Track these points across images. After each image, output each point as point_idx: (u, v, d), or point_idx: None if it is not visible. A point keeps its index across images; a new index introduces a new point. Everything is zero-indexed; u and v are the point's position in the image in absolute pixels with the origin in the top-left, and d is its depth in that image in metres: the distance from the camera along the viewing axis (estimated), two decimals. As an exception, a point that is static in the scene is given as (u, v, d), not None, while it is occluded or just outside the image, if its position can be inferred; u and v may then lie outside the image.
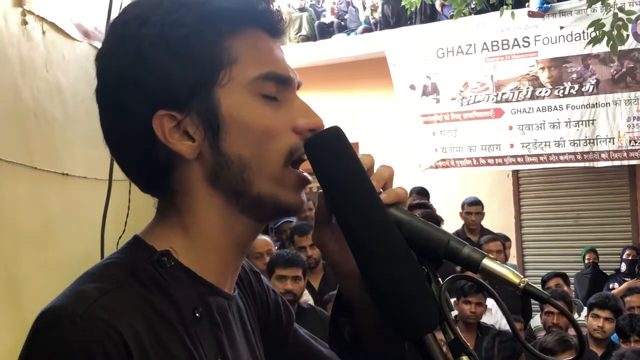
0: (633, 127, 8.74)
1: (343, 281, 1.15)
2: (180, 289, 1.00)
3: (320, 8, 12.21)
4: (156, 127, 1.00)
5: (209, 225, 1.05)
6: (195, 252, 1.04)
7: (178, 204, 1.05)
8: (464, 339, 0.97)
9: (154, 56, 0.99)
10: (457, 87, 9.84)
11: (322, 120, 1.07)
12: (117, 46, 1.03)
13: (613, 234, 10.08)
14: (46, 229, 4.76)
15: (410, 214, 1.03)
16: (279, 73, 1.05)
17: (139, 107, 1.00)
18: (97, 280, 0.96)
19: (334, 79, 11.16)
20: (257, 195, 1.03)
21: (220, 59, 1.01)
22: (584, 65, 9.02)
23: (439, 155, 10.02)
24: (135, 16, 1.02)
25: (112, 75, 1.03)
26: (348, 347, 1.18)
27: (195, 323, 1.00)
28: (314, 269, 5.69)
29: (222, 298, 1.07)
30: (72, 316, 0.90)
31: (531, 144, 9.37)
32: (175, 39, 0.99)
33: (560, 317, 5.51)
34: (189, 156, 1.01)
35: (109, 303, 0.92)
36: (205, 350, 1.00)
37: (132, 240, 1.06)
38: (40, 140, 4.84)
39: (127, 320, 0.91)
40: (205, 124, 1.01)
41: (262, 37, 1.06)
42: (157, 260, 1.01)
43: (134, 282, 0.97)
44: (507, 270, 0.95)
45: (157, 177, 1.05)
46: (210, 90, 1.01)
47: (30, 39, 4.81)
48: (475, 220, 7.54)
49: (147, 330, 0.93)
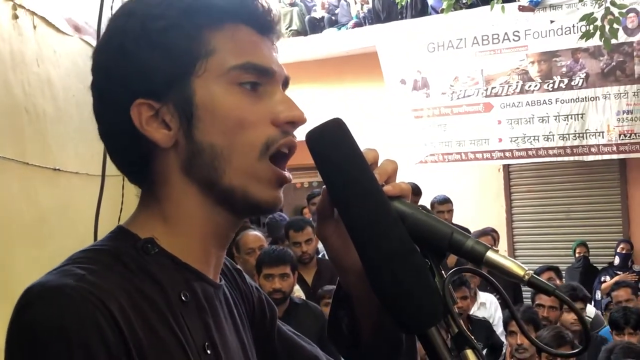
0: (623, 121, 8.77)
1: (344, 275, 1.15)
2: (165, 274, 1.02)
3: (310, 3, 12.18)
4: (134, 115, 1.03)
5: (188, 214, 1.06)
6: (176, 239, 1.06)
7: (157, 193, 1.07)
8: (468, 332, 0.97)
9: (134, 48, 1.02)
10: (448, 82, 9.85)
11: (303, 114, 1.07)
12: (105, 40, 1.08)
13: (604, 228, 10.12)
14: (38, 225, 4.74)
15: (414, 206, 1.02)
16: (257, 63, 1.05)
17: (119, 96, 1.04)
18: (83, 262, 0.97)
19: (324, 74, 11.15)
20: (228, 187, 1.04)
21: (198, 50, 1.03)
22: (573, 59, 9.05)
23: (429, 150, 10.03)
24: (125, 12, 1.06)
25: (100, 68, 1.07)
26: (346, 340, 1.17)
27: (182, 307, 1.01)
28: (308, 264, 5.69)
29: (208, 285, 1.08)
30: (62, 288, 0.90)
31: (520, 138, 9.39)
32: (155, 30, 1.02)
33: (550, 311, 5.50)
34: (165, 144, 1.04)
35: (96, 280, 0.93)
36: (193, 334, 1.00)
37: (116, 229, 1.08)
38: (31, 136, 4.81)
39: (115, 297, 0.92)
40: (180, 113, 1.03)
41: (245, 30, 1.07)
42: (142, 247, 1.02)
43: (119, 266, 0.98)
44: (511, 262, 0.95)
45: (140, 166, 1.07)
46: (186, 81, 1.03)
47: (21, 33, 4.77)
48: (447, 218, 7.55)
49: (134, 310, 0.94)
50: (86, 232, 4.22)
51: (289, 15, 11.56)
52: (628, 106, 8.74)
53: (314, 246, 5.73)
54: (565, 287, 5.94)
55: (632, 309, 5.34)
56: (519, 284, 0.95)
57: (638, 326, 5.11)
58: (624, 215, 10.01)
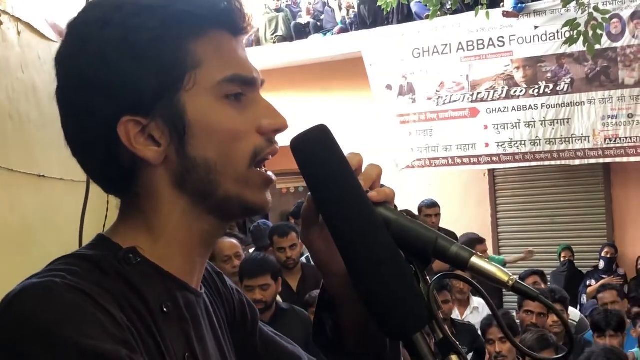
0: (608, 126, 8.83)
1: (329, 279, 1.15)
2: (147, 284, 1.00)
3: (296, 8, 12.19)
4: (121, 133, 0.99)
5: (174, 226, 1.05)
6: (160, 250, 1.04)
7: (142, 205, 1.05)
8: (453, 337, 0.97)
9: (117, 59, 0.98)
10: (433, 87, 9.88)
11: (286, 121, 1.07)
12: (78, 48, 1.02)
13: (588, 232, 10.16)
14: (23, 232, 4.72)
15: (398, 212, 1.02)
16: (243, 75, 1.05)
17: (102, 110, 0.99)
18: (61, 269, 0.94)
19: (310, 80, 11.15)
20: (224, 197, 1.03)
21: (185, 63, 1.01)
22: (558, 65, 9.09)
23: (415, 155, 10.05)
24: (95, 19, 1.01)
25: (75, 77, 1.02)
26: (330, 343, 1.17)
27: (163, 317, 1.00)
28: (292, 269, 5.68)
29: (190, 294, 1.07)
30: (46, 284, 0.89)
31: (507, 143, 9.43)
32: (139, 43, 0.99)
33: (539, 318, 5.50)
34: (155, 162, 1.01)
35: (78, 282, 0.91)
36: (173, 344, 0.99)
37: (97, 237, 1.06)
38: (15, 142, 4.79)
39: (100, 295, 0.91)
40: (171, 129, 1.01)
41: (226, 37, 1.06)
42: (123, 257, 1.00)
43: (97, 273, 0.96)
44: (495, 268, 0.95)
45: (121, 180, 1.05)
46: (175, 95, 1.00)
47: (5, 39, 4.76)
48: (435, 222, 7.58)
49: (120, 310, 0.92)
50: (71, 238, 4.20)
51: (275, 21, 11.55)
52: (613, 111, 8.80)
53: (298, 251, 5.72)
54: (543, 291, 5.94)
55: (613, 312, 5.36)
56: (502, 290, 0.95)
57: (619, 328, 5.13)
58: (608, 219, 10.06)
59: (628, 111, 8.74)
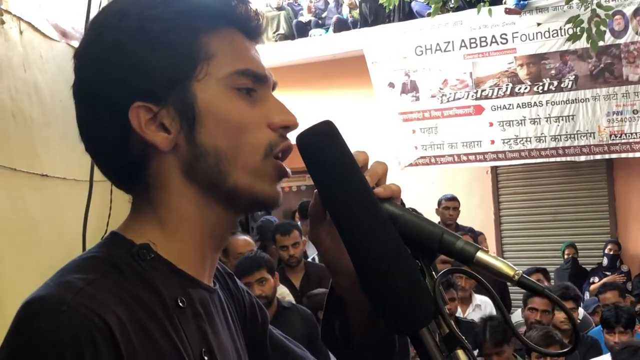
0: (613, 122, 8.84)
1: (337, 278, 1.15)
2: (161, 280, 1.01)
3: (297, 7, 12.20)
4: (132, 118, 1.01)
5: (185, 218, 1.06)
6: (173, 245, 1.05)
7: (153, 198, 1.06)
8: (459, 332, 0.96)
9: (132, 47, 1.01)
10: (437, 85, 9.88)
11: (296, 119, 1.09)
12: (95, 40, 1.05)
13: (592, 229, 10.15)
14: (26, 231, 4.72)
15: (404, 208, 1.02)
16: (255, 71, 1.07)
17: (115, 96, 1.02)
18: (79, 272, 0.96)
19: (312, 78, 11.15)
20: (233, 187, 1.04)
21: (198, 54, 1.03)
22: (562, 62, 9.09)
23: (419, 153, 10.05)
24: (114, 12, 1.05)
25: (91, 67, 1.04)
26: (338, 343, 1.17)
27: (179, 313, 1.01)
28: (295, 268, 5.68)
29: (204, 290, 1.08)
30: (59, 305, 0.89)
31: (512, 140, 9.44)
32: (154, 32, 1.01)
33: (544, 315, 5.48)
34: (165, 148, 1.03)
35: (94, 292, 0.92)
36: (190, 340, 1.00)
37: (110, 235, 1.07)
38: (18, 141, 4.80)
39: (112, 310, 0.92)
40: (181, 117, 1.02)
41: (239, 36, 1.08)
42: (137, 253, 1.01)
43: (115, 273, 0.98)
44: (501, 262, 0.95)
45: (132, 170, 1.06)
46: (187, 84, 1.03)
47: (7, 38, 4.76)
48: (453, 216, 7.59)
49: (132, 320, 0.93)
50: (74, 238, 4.21)
51: (277, 19, 11.58)
52: (617, 107, 8.81)
53: (301, 249, 5.72)
54: (557, 287, 5.94)
55: (623, 308, 5.37)
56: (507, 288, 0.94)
57: (629, 325, 5.14)
58: (611, 216, 10.06)
59: (633, 107, 8.75)
